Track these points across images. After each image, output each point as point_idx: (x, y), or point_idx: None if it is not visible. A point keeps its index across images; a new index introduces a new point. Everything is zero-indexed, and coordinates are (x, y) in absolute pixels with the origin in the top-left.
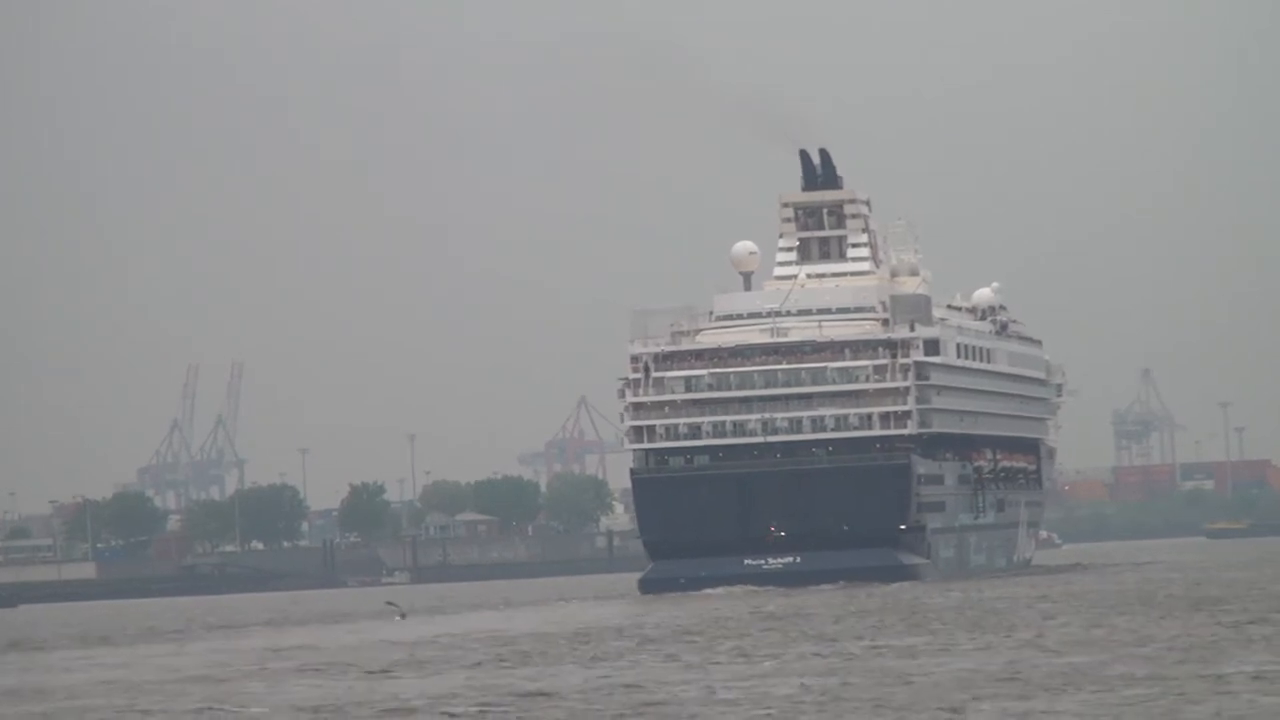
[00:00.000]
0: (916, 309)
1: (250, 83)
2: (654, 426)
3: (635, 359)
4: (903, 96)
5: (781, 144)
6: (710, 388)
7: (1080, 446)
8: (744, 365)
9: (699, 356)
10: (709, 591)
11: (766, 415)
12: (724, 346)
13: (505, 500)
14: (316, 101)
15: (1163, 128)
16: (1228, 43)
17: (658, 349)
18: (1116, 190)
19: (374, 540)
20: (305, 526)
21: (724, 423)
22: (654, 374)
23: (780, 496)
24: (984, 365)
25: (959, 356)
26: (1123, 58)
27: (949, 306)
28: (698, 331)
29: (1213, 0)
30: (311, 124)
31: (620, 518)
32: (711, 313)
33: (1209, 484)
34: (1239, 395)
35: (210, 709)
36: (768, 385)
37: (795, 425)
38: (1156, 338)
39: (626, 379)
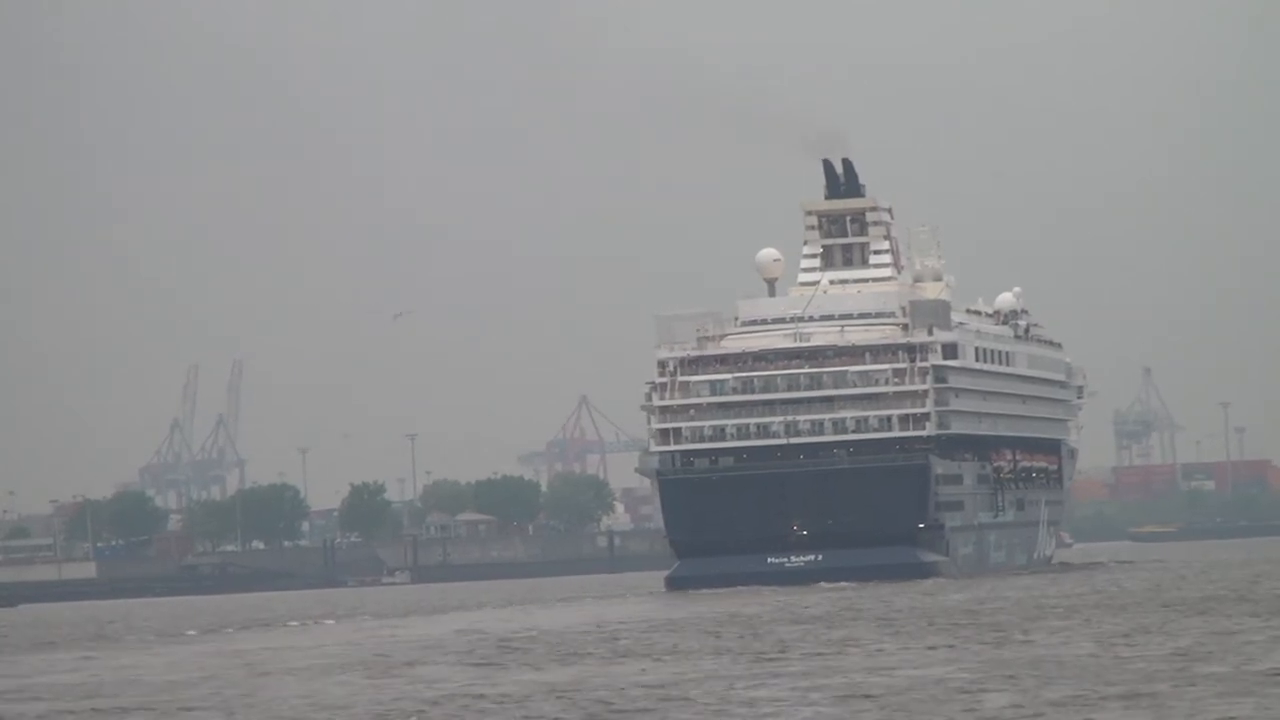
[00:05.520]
0: (935, 314)
1: (250, 83)
2: (680, 429)
3: (661, 363)
4: (914, 96)
5: (806, 153)
6: (735, 391)
7: (1081, 446)
8: (768, 369)
9: (724, 361)
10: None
11: (789, 418)
12: (748, 351)
13: (506, 500)
14: (317, 102)
15: (1163, 127)
16: (1226, 42)
17: (683, 354)
18: (1115, 191)
19: (374, 540)
20: (306, 526)
21: (748, 425)
22: (680, 378)
23: (803, 496)
24: (1003, 368)
25: (978, 360)
26: (1122, 56)
27: (968, 311)
28: (722, 336)
29: None
30: (312, 124)
31: (621, 518)
32: (736, 318)
33: (1209, 484)
34: (1239, 395)
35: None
36: (790, 389)
37: (817, 427)
38: (1156, 338)
39: (653, 383)
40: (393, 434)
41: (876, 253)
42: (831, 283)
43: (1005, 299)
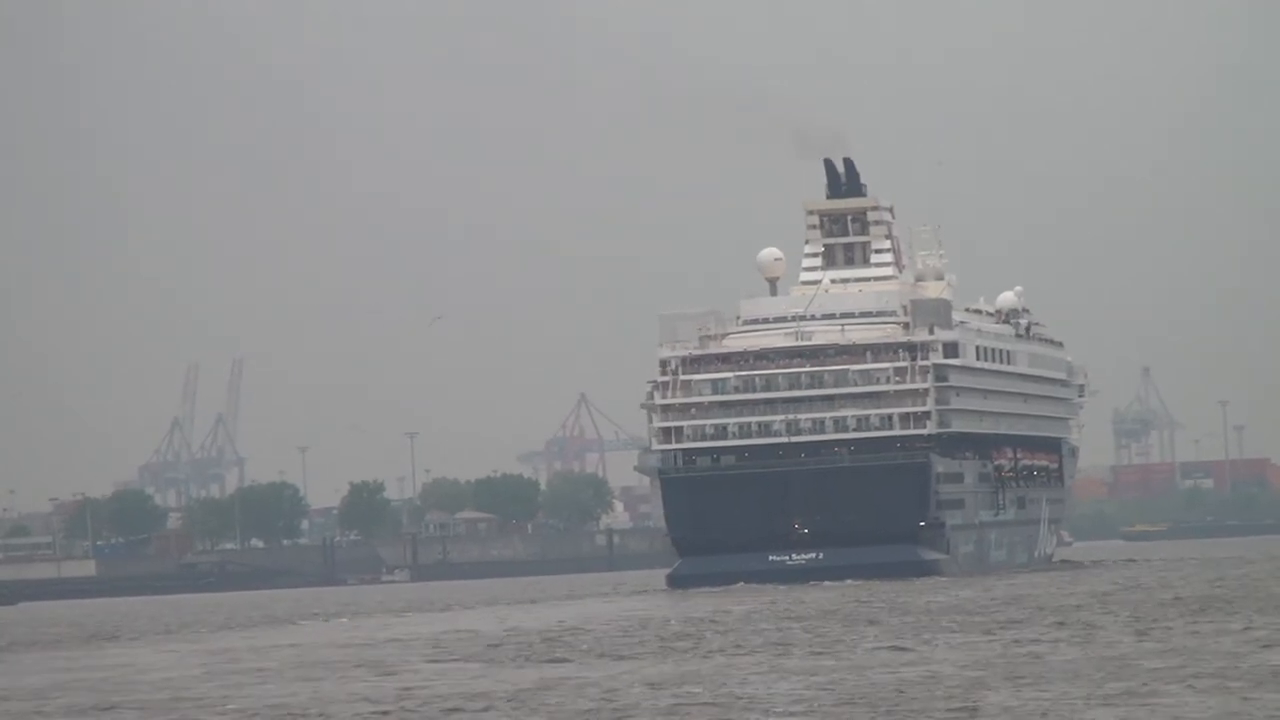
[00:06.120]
0: (936, 313)
1: (250, 83)
2: (682, 428)
3: (663, 362)
4: (914, 96)
5: (806, 153)
6: (736, 390)
7: (1081, 445)
8: (769, 368)
9: (726, 360)
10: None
11: (791, 416)
12: (750, 350)
13: (505, 498)
14: (317, 101)
15: (1163, 126)
16: (1226, 41)
17: (685, 352)
18: (1115, 191)
19: (374, 538)
20: (305, 524)
21: (750, 424)
22: (681, 377)
23: (804, 494)
24: (1004, 367)
25: (978, 359)
26: (1122, 56)
27: (969, 310)
28: (724, 335)
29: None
30: (312, 123)
31: (620, 516)
32: (738, 317)
33: (1208, 483)
34: (1239, 394)
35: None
36: (792, 387)
37: (818, 426)
38: (1156, 337)
39: (655, 381)
40: (392, 432)
41: (878, 252)
42: (833, 282)
43: (1006, 298)
